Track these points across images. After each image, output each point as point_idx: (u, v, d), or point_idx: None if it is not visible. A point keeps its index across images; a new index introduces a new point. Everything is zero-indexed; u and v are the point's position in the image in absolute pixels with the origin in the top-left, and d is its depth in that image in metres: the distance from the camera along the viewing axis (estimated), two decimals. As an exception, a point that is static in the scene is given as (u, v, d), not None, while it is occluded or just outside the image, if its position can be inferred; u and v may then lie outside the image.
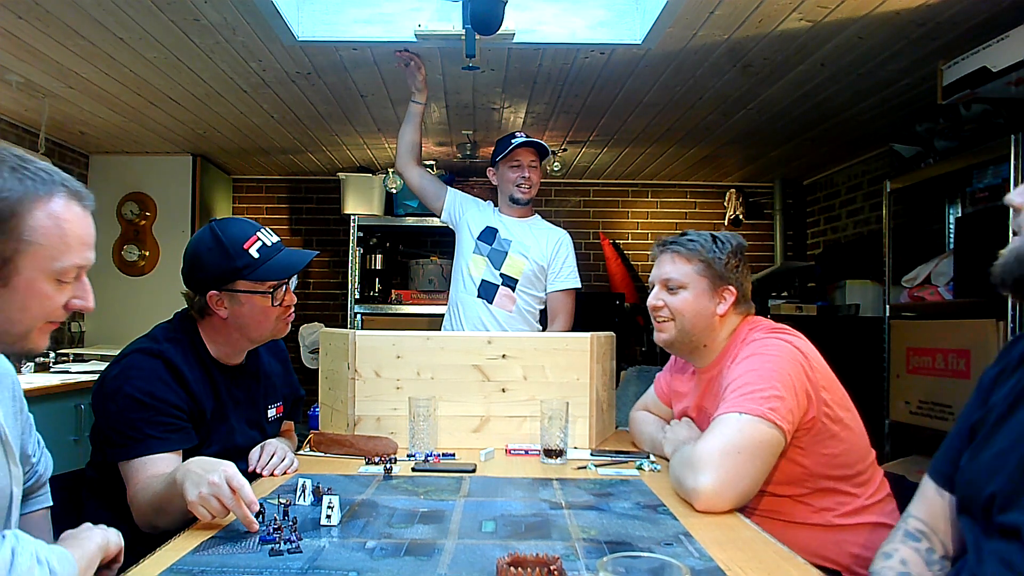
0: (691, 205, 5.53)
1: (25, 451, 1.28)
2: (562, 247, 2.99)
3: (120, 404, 1.49)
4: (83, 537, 1.08)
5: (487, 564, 1.07)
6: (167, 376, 1.54)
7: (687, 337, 1.71)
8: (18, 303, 0.99)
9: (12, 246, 0.97)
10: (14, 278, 0.98)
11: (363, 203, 4.78)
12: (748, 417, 1.42)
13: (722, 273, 1.68)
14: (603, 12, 2.78)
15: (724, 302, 1.68)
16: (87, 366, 3.74)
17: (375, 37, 2.77)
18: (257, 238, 1.62)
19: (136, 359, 1.54)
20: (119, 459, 1.48)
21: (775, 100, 3.45)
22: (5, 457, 1.11)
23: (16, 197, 0.97)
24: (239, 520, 1.21)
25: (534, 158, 2.95)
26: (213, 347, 1.67)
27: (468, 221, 3.02)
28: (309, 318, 5.21)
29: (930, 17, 2.48)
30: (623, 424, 2.38)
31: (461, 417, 1.99)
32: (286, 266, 1.65)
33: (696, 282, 1.69)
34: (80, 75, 3.16)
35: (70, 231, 1.02)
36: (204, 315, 1.65)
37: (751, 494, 1.41)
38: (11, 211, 0.96)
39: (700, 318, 1.69)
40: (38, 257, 0.99)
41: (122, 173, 4.71)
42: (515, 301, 2.92)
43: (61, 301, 1.04)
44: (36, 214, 0.98)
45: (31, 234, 0.98)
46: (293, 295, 1.69)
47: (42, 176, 1.00)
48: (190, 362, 1.61)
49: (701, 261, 1.69)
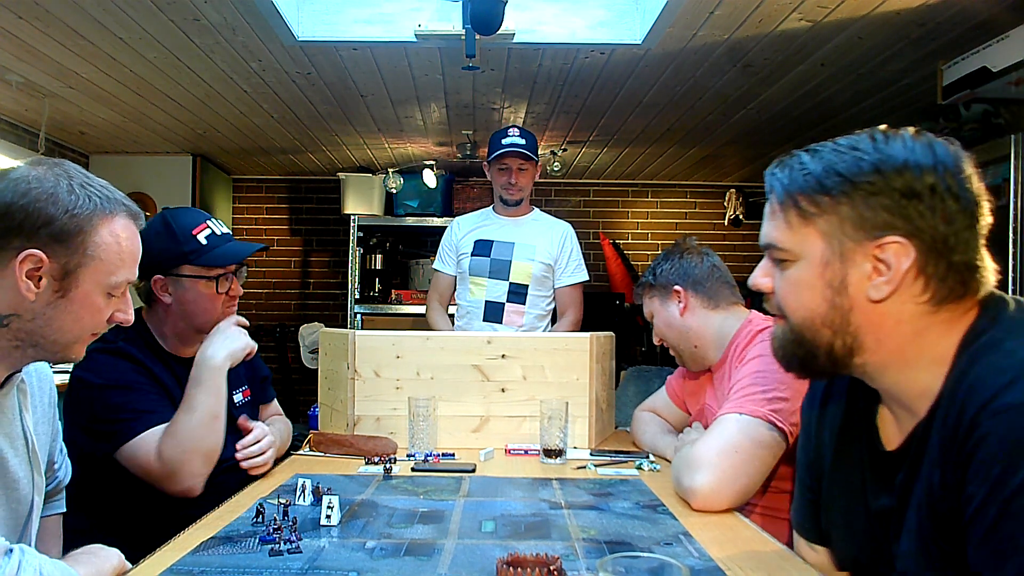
0: (691, 205, 5.53)
1: (51, 458, 1.31)
2: (567, 240, 2.95)
3: (99, 397, 1.48)
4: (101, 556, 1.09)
5: (487, 564, 1.07)
6: (132, 367, 1.54)
7: (678, 351, 1.83)
8: (73, 314, 1.05)
9: (77, 260, 1.03)
10: (73, 290, 1.04)
11: (363, 203, 4.78)
12: (748, 418, 1.42)
13: (663, 282, 1.80)
14: (603, 12, 2.78)
15: (679, 302, 1.77)
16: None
17: (375, 37, 2.78)
18: (207, 226, 1.63)
19: (99, 358, 1.51)
20: (116, 445, 1.46)
21: (775, 100, 3.45)
22: (30, 467, 1.13)
23: (86, 214, 1.03)
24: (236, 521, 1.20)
25: (523, 162, 2.88)
26: (162, 340, 1.65)
27: (460, 251, 2.97)
28: (309, 318, 5.22)
29: (930, 17, 2.48)
30: (623, 424, 2.38)
31: (461, 417, 1.98)
32: (233, 254, 1.65)
33: (653, 307, 1.84)
34: (80, 75, 3.16)
35: (126, 248, 1.09)
36: (150, 303, 1.63)
37: (748, 494, 1.41)
38: (80, 227, 1.03)
39: (673, 328, 1.80)
40: (97, 271, 1.06)
41: (122, 173, 4.70)
42: (524, 315, 2.88)
43: (107, 314, 1.10)
44: (101, 231, 1.05)
45: (95, 249, 1.05)
46: (240, 287, 1.69)
47: (106, 195, 1.07)
48: (148, 356, 1.60)
49: (648, 286, 1.85)
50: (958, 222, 0.84)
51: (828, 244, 0.88)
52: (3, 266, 1.00)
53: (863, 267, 0.87)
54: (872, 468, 0.97)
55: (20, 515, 1.12)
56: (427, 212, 4.84)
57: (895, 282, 0.85)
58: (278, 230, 5.43)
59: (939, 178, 0.84)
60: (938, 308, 0.86)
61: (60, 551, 1.27)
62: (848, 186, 0.87)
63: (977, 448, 0.77)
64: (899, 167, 0.85)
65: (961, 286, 0.86)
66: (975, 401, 0.79)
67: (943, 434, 0.83)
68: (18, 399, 1.13)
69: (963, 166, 0.86)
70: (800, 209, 0.90)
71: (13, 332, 1.03)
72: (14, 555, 0.87)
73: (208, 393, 1.51)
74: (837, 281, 0.88)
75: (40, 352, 1.07)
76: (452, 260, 3.01)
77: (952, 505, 0.81)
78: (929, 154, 0.86)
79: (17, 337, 1.03)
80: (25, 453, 1.13)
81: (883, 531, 0.93)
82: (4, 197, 1.00)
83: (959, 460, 0.80)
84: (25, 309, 1.02)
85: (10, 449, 1.09)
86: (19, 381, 1.11)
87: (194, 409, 1.49)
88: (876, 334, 0.88)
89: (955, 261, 0.85)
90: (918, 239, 0.84)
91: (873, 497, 0.96)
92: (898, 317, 0.87)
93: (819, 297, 0.90)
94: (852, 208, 0.86)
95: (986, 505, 0.76)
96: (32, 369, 1.20)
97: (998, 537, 0.75)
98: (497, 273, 2.89)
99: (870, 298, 0.87)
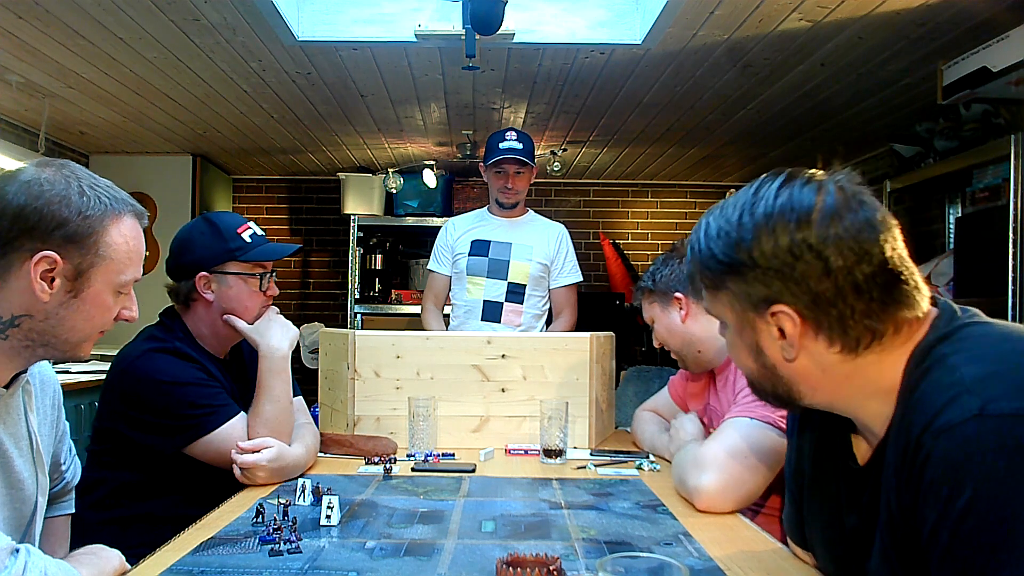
0: (691, 205, 5.53)
1: (57, 459, 1.32)
2: (562, 242, 2.97)
3: (169, 393, 1.51)
4: (103, 557, 1.09)
5: (487, 564, 1.07)
6: (193, 365, 1.59)
7: (680, 355, 1.81)
8: (84, 313, 1.07)
9: (90, 260, 1.05)
10: (85, 290, 1.06)
11: (363, 203, 4.78)
12: (759, 423, 1.42)
13: (663, 288, 1.78)
14: (603, 12, 2.78)
15: (680, 308, 1.75)
16: (87, 366, 3.73)
17: (375, 37, 2.77)
18: (249, 226, 1.70)
19: (161, 357, 1.56)
20: (192, 439, 1.52)
21: (775, 100, 3.45)
22: (34, 467, 1.14)
23: (97, 215, 1.05)
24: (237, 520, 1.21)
25: (520, 167, 2.88)
26: (201, 340, 1.69)
27: (456, 251, 2.96)
28: (309, 318, 5.21)
29: (930, 17, 2.48)
30: (623, 424, 2.38)
31: (461, 417, 1.99)
32: (275, 251, 1.72)
33: (653, 312, 1.82)
34: (80, 75, 3.16)
35: (134, 248, 1.11)
36: (189, 303, 1.67)
37: (753, 498, 1.41)
38: (92, 228, 1.05)
39: (674, 335, 1.78)
40: (108, 271, 1.08)
41: (122, 173, 4.70)
42: (522, 314, 2.89)
43: (115, 313, 1.12)
44: (111, 232, 1.07)
45: (106, 250, 1.06)
46: (276, 288, 1.74)
47: (113, 195, 1.09)
48: (202, 354, 1.65)
49: (648, 291, 1.82)
50: (837, 270, 0.83)
51: (735, 315, 0.93)
52: (17, 268, 1.01)
53: (769, 331, 0.90)
54: (847, 485, 0.96)
55: (24, 515, 1.12)
56: (427, 212, 4.84)
57: (796, 344, 0.88)
58: (278, 230, 5.42)
59: (800, 236, 0.84)
60: (855, 354, 0.87)
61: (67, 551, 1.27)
62: (727, 269, 0.90)
63: (924, 469, 0.76)
64: (760, 239, 0.86)
65: (870, 330, 0.85)
66: (919, 421, 0.78)
67: (896, 454, 0.83)
68: (23, 400, 1.13)
69: (832, 209, 0.84)
70: (707, 286, 0.96)
71: (25, 332, 1.04)
72: (20, 555, 0.88)
73: (283, 380, 1.63)
74: (754, 345, 0.93)
75: (50, 351, 1.08)
76: (447, 260, 3.01)
77: (911, 526, 0.80)
78: (788, 213, 0.85)
79: (28, 337, 1.04)
80: (30, 453, 1.13)
81: (856, 550, 0.93)
82: (17, 199, 1.01)
83: (911, 480, 0.79)
84: (38, 310, 1.03)
85: (15, 449, 1.10)
86: (24, 382, 1.12)
87: (276, 396, 1.61)
88: (806, 384, 0.91)
89: (849, 310, 0.84)
90: (799, 302, 0.86)
91: (847, 515, 0.96)
92: (821, 367, 0.89)
93: (748, 357, 0.95)
94: (736, 286, 0.90)
95: (938, 529, 0.74)
96: (36, 371, 1.20)
97: (953, 561, 0.73)
98: (495, 273, 2.89)
99: (785, 358, 0.90)
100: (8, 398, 1.08)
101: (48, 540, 1.32)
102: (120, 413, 1.55)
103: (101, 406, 1.61)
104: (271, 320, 1.69)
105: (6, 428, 1.08)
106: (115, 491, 1.57)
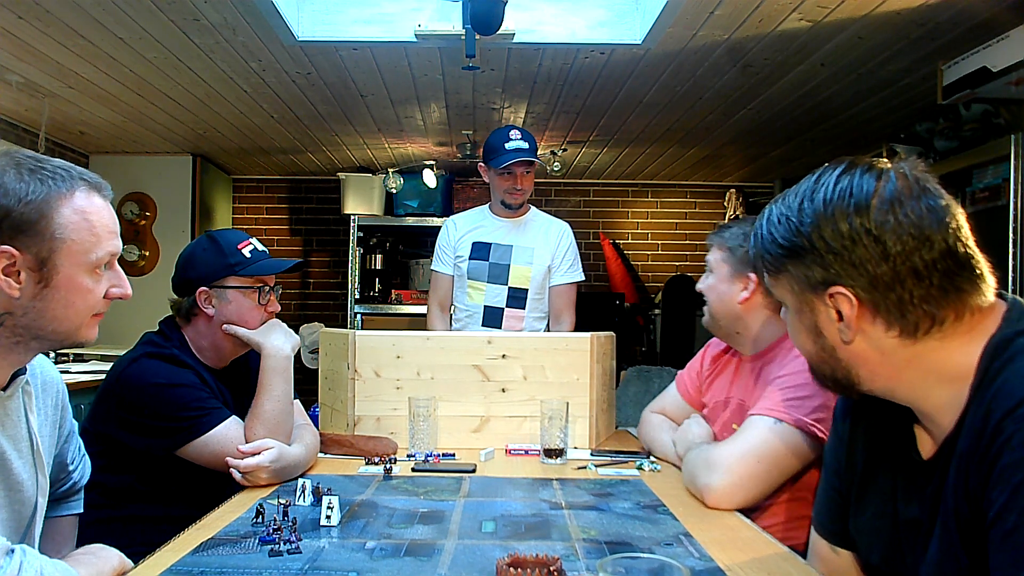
0: (691, 205, 5.53)
1: (63, 459, 1.31)
2: (564, 239, 2.90)
3: (160, 396, 1.53)
4: (102, 557, 1.09)
5: (487, 564, 1.06)
6: (187, 371, 1.60)
7: (716, 322, 1.74)
8: (62, 300, 1.03)
9: (47, 246, 1.00)
10: (55, 277, 1.02)
11: (363, 203, 4.78)
12: (784, 426, 1.40)
13: (743, 259, 1.67)
14: (603, 12, 2.78)
15: (745, 289, 1.67)
16: (87, 366, 3.74)
17: (375, 37, 2.77)
18: (250, 242, 1.73)
19: (153, 363, 1.58)
20: (184, 441, 1.52)
21: (775, 100, 3.45)
22: (34, 468, 1.13)
23: (41, 198, 1.00)
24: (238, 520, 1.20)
25: (528, 167, 2.81)
26: (200, 353, 1.71)
27: (457, 253, 2.92)
28: (309, 318, 5.21)
29: (930, 17, 2.48)
30: (623, 424, 2.38)
31: (461, 417, 1.98)
32: (273, 265, 1.73)
33: (719, 268, 1.72)
34: (80, 75, 3.16)
35: (97, 222, 1.05)
36: (191, 317, 1.69)
37: (762, 498, 1.42)
38: (39, 213, 1.00)
39: (723, 304, 1.70)
40: (72, 253, 1.02)
41: (122, 173, 4.70)
42: (523, 319, 2.84)
43: (101, 292, 1.08)
44: (63, 211, 1.01)
45: (62, 232, 1.01)
46: (277, 304, 1.76)
47: (60, 173, 1.03)
48: (197, 363, 1.67)
49: (725, 248, 1.71)
50: (896, 255, 0.85)
51: (795, 296, 0.95)
52: None
53: (828, 313, 0.92)
54: (905, 476, 0.97)
55: (23, 517, 1.12)
56: (427, 212, 4.84)
57: (853, 326, 0.89)
58: (278, 230, 5.42)
59: (859, 222, 0.86)
60: (914, 339, 0.87)
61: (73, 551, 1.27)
62: (787, 252, 0.93)
63: (1001, 453, 0.77)
64: (819, 224, 0.89)
65: (929, 316, 0.85)
66: (1001, 407, 0.79)
67: (969, 441, 0.83)
68: (23, 401, 1.12)
69: (892, 195, 0.86)
70: (768, 270, 0.98)
71: (10, 329, 1.02)
72: (15, 556, 0.87)
73: (284, 380, 1.65)
74: (813, 327, 0.95)
75: (45, 344, 1.06)
76: (450, 260, 2.95)
77: (975, 510, 0.81)
78: (847, 199, 0.88)
79: (15, 333, 1.03)
80: (30, 455, 1.12)
81: (910, 541, 0.93)
82: None
83: (983, 465, 0.80)
84: (15, 306, 1.01)
85: (14, 451, 1.09)
86: (24, 383, 1.11)
87: (276, 395, 1.62)
88: (866, 368, 0.92)
89: (908, 294, 0.85)
90: (856, 285, 0.87)
91: (904, 505, 0.96)
92: (880, 351, 0.90)
93: (807, 339, 0.97)
94: (796, 269, 0.93)
95: (1007, 510, 0.75)
96: (38, 371, 1.20)
97: (1017, 543, 0.74)
98: (496, 278, 2.85)
99: (843, 340, 0.91)
100: (7, 400, 1.07)
101: (55, 540, 1.31)
102: (113, 416, 1.55)
103: (93, 409, 1.62)
104: (273, 324, 1.71)
105: (5, 430, 1.08)
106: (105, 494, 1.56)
